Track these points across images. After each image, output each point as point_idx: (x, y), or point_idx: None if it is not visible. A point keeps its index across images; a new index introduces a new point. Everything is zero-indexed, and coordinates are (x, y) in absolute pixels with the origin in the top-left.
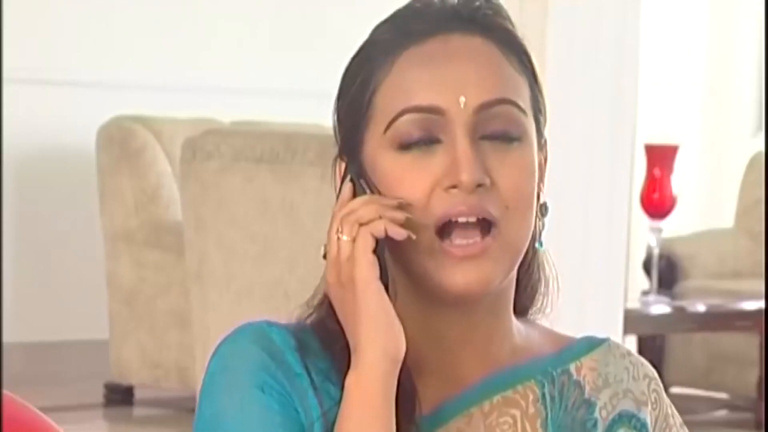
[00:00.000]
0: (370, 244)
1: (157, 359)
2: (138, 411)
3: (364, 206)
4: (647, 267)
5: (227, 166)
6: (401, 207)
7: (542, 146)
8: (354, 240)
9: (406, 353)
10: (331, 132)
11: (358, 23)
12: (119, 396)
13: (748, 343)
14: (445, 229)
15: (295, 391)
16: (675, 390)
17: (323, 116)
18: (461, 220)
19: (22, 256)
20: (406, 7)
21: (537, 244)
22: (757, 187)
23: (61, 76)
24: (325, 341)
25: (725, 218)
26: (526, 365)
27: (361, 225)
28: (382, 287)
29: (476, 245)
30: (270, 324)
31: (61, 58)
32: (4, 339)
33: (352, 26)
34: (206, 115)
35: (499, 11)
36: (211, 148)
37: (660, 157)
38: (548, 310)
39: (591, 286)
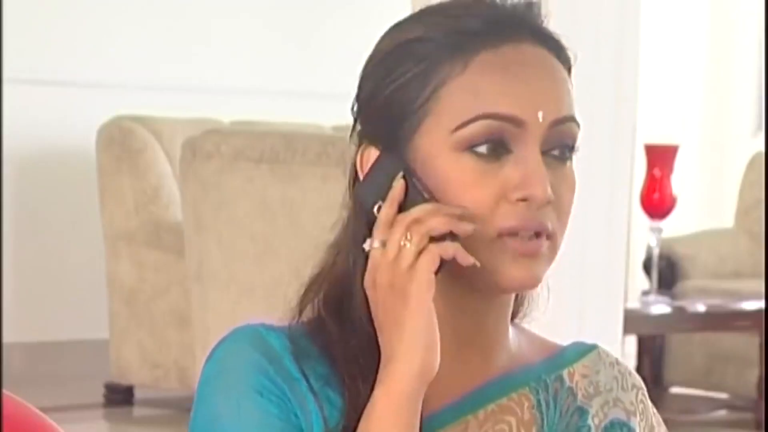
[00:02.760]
0: (436, 263)
1: (157, 359)
2: (138, 411)
3: (435, 217)
4: (647, 267)
5: (227, 166)
6: (465, 217)
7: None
8: (419, 252)
9: None
10: (331, 132)
11: (359, 23)
12: (119, 396)
13: (748, 343)
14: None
15: (294, 396)
16: (675, 390)
17: (323, 116)
18: (523, 234)
19: (22, 256)
20: (464, 6)
21: None
22: (757, 187)
23: (61, 76)
24: (324, 345)
25: (725, 218)
26: (519, 372)
27: (431, 239)
28: (433, 307)
29: (535, 244)
30: (267, 327)
31: (61, 58)
32: (4, 339)
33: (353, 26)
34: (206, 115)
35: (542, 17)
36: (211, 148)
37: (660, 157)
38: (534, 313)
39: (591, 286)
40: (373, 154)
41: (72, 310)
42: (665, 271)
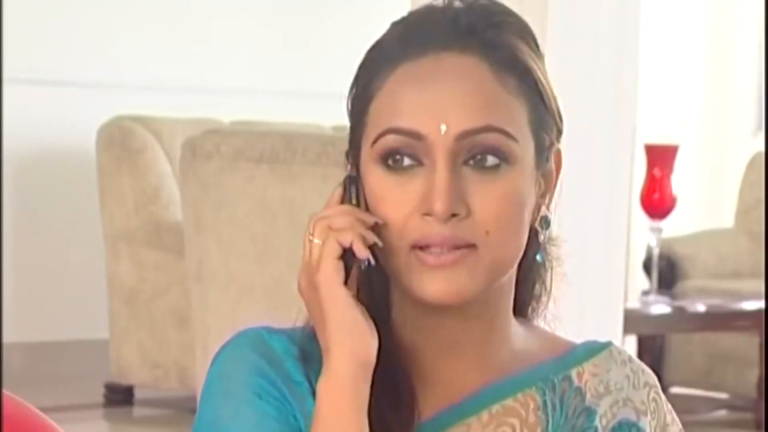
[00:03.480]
0: (336, 250)
1: (157, 359)
2: (138, 411)
3: (340, 215)
4: (647, 267)
5: (227, 166)
6: (377, 227)
7: (545, 162)
8: (323, 244)
9: (406, 361)
10: (331, 132)
11: (358, 24)
12: (119, 396)
13: (748, 343)
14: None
15: (294, 399)
16: (675, 390)
17: (323, 116)
18: (434, 249)
19: (22, 256)
20: (416, 12)
21: (537, 256)
22: (757, 187)
23: (61, 76)
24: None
25: (725, 218)
26: (526, 372)
27: (331, 230)
28: (347, 292)
29: (449, 256)
30: (270, 331)
31: (61, 58)
32: (4, 339)
33: (352, 27)
34: (206, 115)
35: (505, 24)
36: (211, 148)
37: (660, 157)
38: (548, 317)
39: (591, 286)
40: (348, 166)
41: (72, 310)
42: (665, 271)
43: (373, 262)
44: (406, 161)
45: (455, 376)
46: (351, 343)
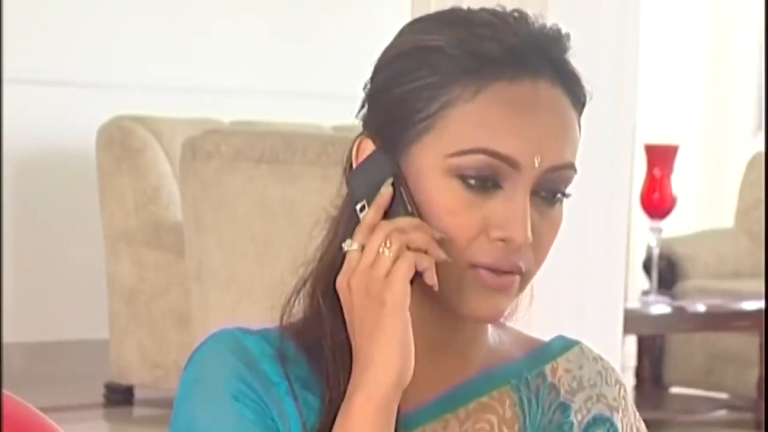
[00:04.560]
0: (412, 272)
1: (157, 359)
2: (138, 411)
3: (417, 232)
4: (647, 267)
5: (227, 166)
6: (442, 242)
7: None
8: (395, 260)
9: None
10: (331, 132)
11: (359, 24)
12: (119, 396)
13: (748, 343)
14: None
15: (271, 400)
16: (675, 390)
17: (323, 116)
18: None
19: (22, 256)
20: (488, 27)
21: None
22: (757, 187)
23: (61, 76)
24: (303, 348)
25: (725, 218)
26: (500, 370)
27: (408, 249)
28: (409, 316)
29: (507, 280)
30: (244, 331)
31: (61, 58)
32: (4, 339)
33: (353, 27)
34: (206, 115)
35: (567, 49)
36: (211, 148)
37: (660, 157)
38: (521, 314)
39: (591, 286)
40: (369, 147)
41: (72, 310)
42: (665, 271)
43: (436, 288)
44: (484, 182)
45: (432, 375)
46: (400, 366)
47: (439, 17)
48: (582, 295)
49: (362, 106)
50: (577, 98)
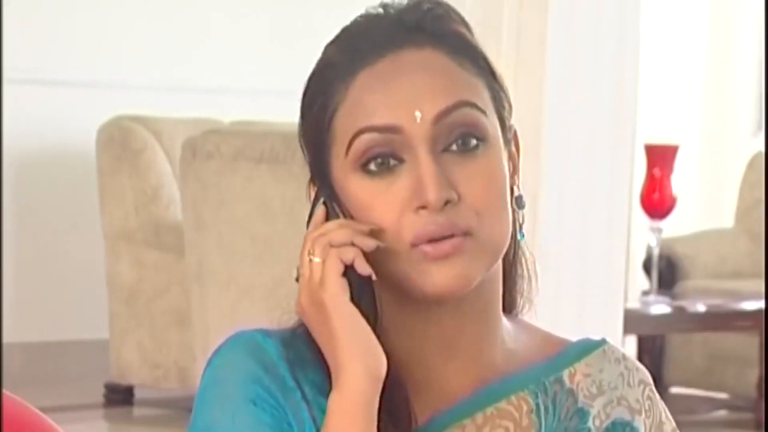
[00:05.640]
0: (340, 267)
1: (157, 359)
2: (138, 411)
3: (337, 229)
4: (647, 267)
5: (227, 166)
6: (373, 233)
7: (509, 140)
8: (324, 262)
9: (397, 367)
10: None
11: None
12: (119, 396)
13: (748, 343)
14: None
15: (289, 405)
16: (675, 390)
17: None
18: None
19: (22, 256)
20: (355, 24)
21: (519, 236)
22: (757, 187)
23: (61, 76)
24: (318, 352)
25: (725, 218)
26: (518, 374)
27: (332, 247)
28: (354, 309)
29: (448, 244)
30: (264, 334)
31: (61, 58)
32: (4, 339)
33: None
34: (206, 115)
35: (447, 15)
36: (211, 148)
37: (660, 157)
38: (528, 306)
39: (591, 286)
40: (314, 189)
41: (72, 310)
42: (665, 271)
43: (374, 276)
44: (385, 161)
45: (449, 379)
46: (365, 360)
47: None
48: (582, 295)
49: (303, 151)
50: (458, 49)
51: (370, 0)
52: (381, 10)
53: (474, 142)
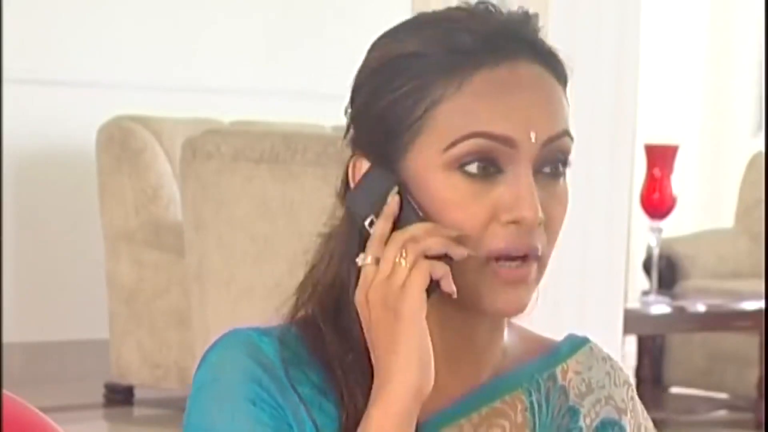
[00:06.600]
0: (427, 280)
1: (157, 359)
2: (138, 411)
3: (430, 237)
4: (647, 267)
5: (227, 166)
6: (460, 240)
7: None
8: (411, 270)
9: None
10: (331, 132)
11: (359, 23)
12: (119, 396)
13: (748, 343)
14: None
15: (288, 405)
16: (675, 390)
17: (323, 116)
18: (509, 263)
19: (22, 256)
20: (459, 18)
21: None
22: (757, 187)
23: (61, 76)
24: (319, 351)
25: (725, 218)
26: (512, 373)
27: (424, 257)
28: (426, 326)
29: (523, 271)
30: (260, 333)
31: (61, 58)
32: (4, 339)
33: (353, 26)
34: (206, 115)
35: (539, 29)
36: (211, 148)
37: (660, 157)
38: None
39: (591, 286)
40: (364, 165)
41: (72, 310)
42: (665, 271)
43: (455, 295)
44: (486, 168)
45: (450, 382)
46: (418, 378)
47: (408, 24)
48: (582, 295)
49: (348, 130)
50: (559, 73)
51: (371, 2)
52: (486, 8)
53: (562, 169)
